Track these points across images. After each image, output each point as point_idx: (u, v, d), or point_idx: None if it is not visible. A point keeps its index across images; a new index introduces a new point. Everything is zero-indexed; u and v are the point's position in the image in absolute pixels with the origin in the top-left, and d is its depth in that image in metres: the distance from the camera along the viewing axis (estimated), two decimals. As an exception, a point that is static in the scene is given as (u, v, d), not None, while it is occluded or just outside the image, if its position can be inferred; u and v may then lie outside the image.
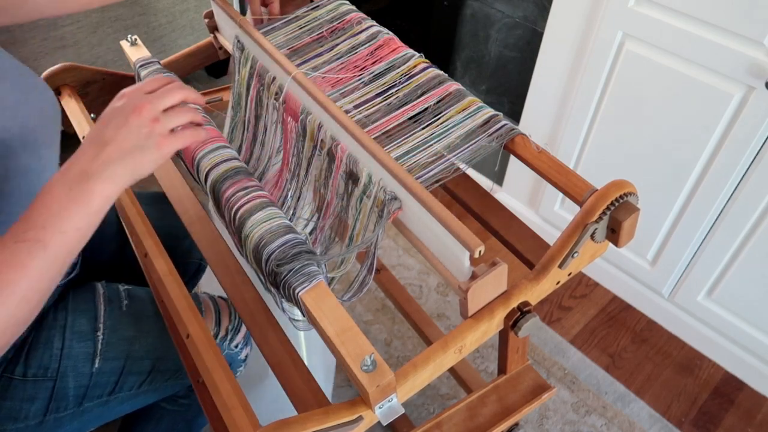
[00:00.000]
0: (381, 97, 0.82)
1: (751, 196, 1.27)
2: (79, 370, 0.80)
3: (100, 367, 0.82)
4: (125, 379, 0.84)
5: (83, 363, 0.81)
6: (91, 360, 0.81)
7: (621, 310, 1.68)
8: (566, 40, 1.45)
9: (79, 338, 0.81)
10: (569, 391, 1.48)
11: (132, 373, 0.85)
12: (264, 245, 0.66)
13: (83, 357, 0.81)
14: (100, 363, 0.82)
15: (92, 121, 1.07)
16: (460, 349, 0.66)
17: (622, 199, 0.66)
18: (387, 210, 0.69)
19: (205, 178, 0.76)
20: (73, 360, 0.80)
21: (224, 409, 0.65)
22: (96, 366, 0.81)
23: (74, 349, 0.80)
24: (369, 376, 0.57)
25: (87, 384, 0.81)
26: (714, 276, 1.43)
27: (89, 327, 0.82)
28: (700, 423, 1.44)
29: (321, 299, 0.61)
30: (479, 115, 0.79)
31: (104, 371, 0.82)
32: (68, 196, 0.52)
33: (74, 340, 0.81)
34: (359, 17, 0.94)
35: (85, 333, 0.82)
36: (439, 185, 0.75)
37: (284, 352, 0.75)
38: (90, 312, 0.84)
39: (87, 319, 0.83)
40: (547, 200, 1.70)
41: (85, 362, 0.81)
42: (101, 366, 0.82)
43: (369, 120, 0.78)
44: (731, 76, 1.20)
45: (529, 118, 1.65)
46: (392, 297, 1.35)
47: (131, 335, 0.85)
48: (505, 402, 0.83)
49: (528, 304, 0.69)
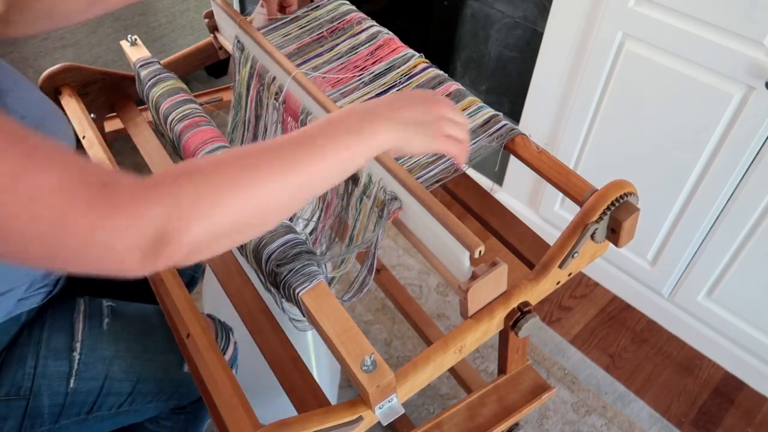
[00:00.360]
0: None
1: (751, 196, 1.27)
2: (54, 389, 0.77)
3: (76, 386, 0.79)
4: (104, 399, 0.81)
5: (58, 382, 0.77)
6: (66, 379, 0.78)
7: (621, 310, 1.68)
8: (566, 40, 1.45)
9: (54, 356, 0.78)
10: (569, 391, 1.48)
11: (111, 393, 0.81)
12: (264, 245, 0.66)
13: (58, 376, 0.78)
14: (75, 383, 0.78)
15: (92, 121, 1.07)
16: (460, 349, 0.66)
17: (623, 199, 0.66)
18: (387, 210, 0.69)
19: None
20: (48, 379, 0.77)
21: (225, 408, 0.65)
22: (71, 386, 0.78)
23: (49, 368, 0.77)
24: (369, 377, 0.57)
25: (62, 403, 0.78)
26: (714, 276, 1.43)
27: (65, 345, 0.79)
28: (700, 423, 1.44)
29: (321, 299, 0.61)
30: (479, 115, 0.79)
31: (81, 391, 0.79)
32: (358, 124, 0.56)
33: (49, 358, 0.78)
34: (359, 17, 0.94)
35: (60, 351, 0.78)
36: (439, 185, 0.75)
37: (284, 352, 0.75)
38: (66, 329, 0.80)
39: (63, 336, 0.80)
40: (547, 200, 1.70)
41: (60, 381, 0.77)
42: (77, 386, 0.79)
43: (369, 120, 0.78)
44: (731, 76, 1.20)
45: (529, 118, 1.65)
46: (392, 297, 1.35)
47: (111, 355, 0.82)
48: (505, 402, 0.83)
49: (528, 304, 0.69)
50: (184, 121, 0.82)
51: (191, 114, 0.83)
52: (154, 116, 0.89)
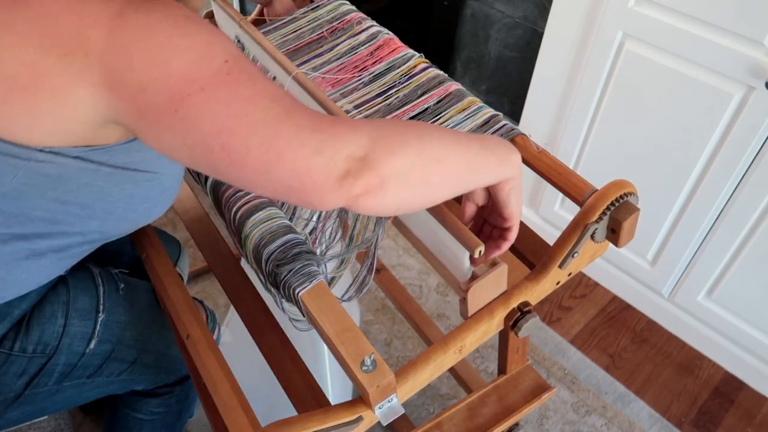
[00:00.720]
0: (381, 98, 0.82)
1: (751, 196, 1.27)
2: (73, 349, 0.78)
3: (94, 348, 0.80)
4: (109, 364, 0.83)
5: (79, 342, 0.79)
6: (88, 341, 0.79)
7: (621, 310, 1.68)
8: (566, 40, 1.45)
9: (81, 316, 0.79)
10: (569, 391, 1.48)
11: (117, 359, 0.83)
12: (264, 245, 0.66)
13: (80, 336, 0.79)
14: (95, 344, 0.80)
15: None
16: (460, 350, 0.66)
17: (622, 199, 0.66)
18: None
19: (205, 178, 0.77)
20: (71, 338, 0.78)
21: (224, 409, 0.65)
22: (90, 347, 0.80)
23: (74, 327, 0.78)
24: (369, 377, 0.57)
25: (75, 364, 0.79)
26: (714, 276, 1.43)
27: (91, 306, 0.80)
28: (700, 423, 1.44)
29: (321, 299, 0.61)
30: (479, 116, 0.79)
31: (96, 353, 0.80)
32: (501, 151, 0.60)
33: (76, 317, 0.79)
34: (359, 17, 0.94)
35: (86, 312, 0.80)
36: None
37: (284, 352, 0.75)
38: (90, 290, 0.81)
39: (88, 297, 0.81)
40: (547, 200, 1.70)
41: (81, 342, 0.79)
42: (95, 348, 0.80)
43: (369, 120, 0.78)
44: (731, 76, 1.20)
45: (529, 118, 1.65)
46: (392, 297, 1.35)
47: (125, 320, 0.84)
48: (505, 402, 0.83)
49: (528, 304, 0.69)
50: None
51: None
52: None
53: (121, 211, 0.65)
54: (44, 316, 0.77)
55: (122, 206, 0.65)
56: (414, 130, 0.55)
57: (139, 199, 0.65)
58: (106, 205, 0.64)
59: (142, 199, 0.66)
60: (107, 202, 0.63)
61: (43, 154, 0.56)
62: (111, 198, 0.63)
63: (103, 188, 0.62)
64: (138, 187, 0.64)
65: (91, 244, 0.71)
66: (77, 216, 0.63)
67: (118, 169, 0.61)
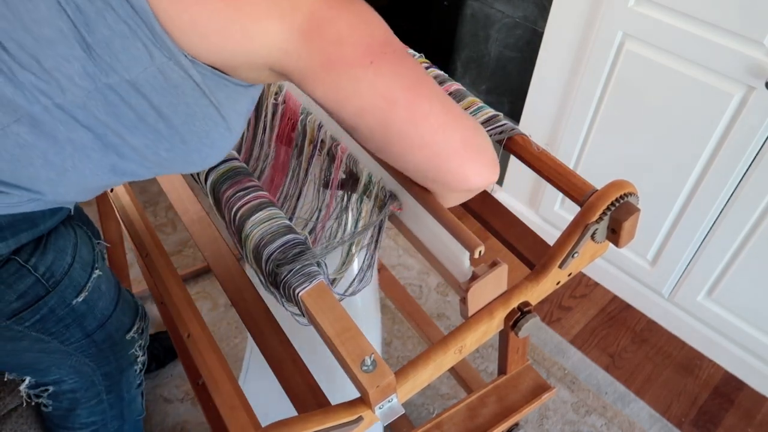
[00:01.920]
0: (381, 97, 0.82)
1: (751, 196, 1.27)
2: (65, 296, 0.77)
3: (79, 303, 0.79)
4: (72, 330, 0.82)
5: (72, 291, 0.78)
6: (78, 291, 0.78)
7: (621, 310, 1.68)
8: (566, 40, 1.45)
9: (81, 265, 0.78)
10: (569, 391, 1.48)
11: (81, 325, 0.82)
12: (264, 245, 0.66)
13: (75, 285, 0.78)
14: (82, 298, 0.79)
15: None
16: (460, 350, 0.66)
17: (623, 199, 0.66)
18: (387, 208, 0.69)
19: (205, 178, 0.77)
20: (69, 281, 0.77)
21: (225, 408, 0.65)
22: (78, 299, 0.79)
23: (76, 271, 0.78)
24: (369, 377, 0.57)
25: (54, 314, 0.78)
26: (714, 276, 1.43)
27: (89, 259, 0.80)
28: (700, 423, 1.44)
29: (321, 299, 0.61)
30: (479, 115, 0.79)
31: (75, 309, 0.79)
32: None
33: (79, 263, 0.78)
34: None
35: (85, 263, 0.79)
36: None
37: (284, 352, 0.75)
38: (89, 246, 0.81)
39: (88, 250, 0.80)
40: (547, 200, 1.70)
41: (73, 291, 0.78)
42: (79, 303, 0.79)
43: (369, 120, 0.78)
44: (731, 76, 1.20)
45: (529, 118, 1.65)
46: (392, 297, 1.35)
47: (104, 289, 0.83)
48: (505, 402, 0.83)
49: (528, 304, 0.69)
50: (184, 121, 0.82)
51: (191, 114, 0.83)
52: (154, 116, 0.89)
53: (192, 145, 0.65)
54: (58, 246, 0.75)
55: (195, 141, 0.64)
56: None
57: (207, 142, 0.66)
58: (185, 133, 0.63)
59: (209, 143, 0.66)
60: (188, 131, 0.63)
61: (186, 60, 0.56)
62: (193, 128, 0.63)
63: (196, 115, 0.61)
64: (215, 129, 0.64)
65: (146, 169, 0.68)
66: (159, 133, 0.62)
67: (213, 105, 0.61)
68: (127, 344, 0.92)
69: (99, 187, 0.69)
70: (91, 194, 0.71)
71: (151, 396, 1.39)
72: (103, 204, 1.29)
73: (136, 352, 0.95)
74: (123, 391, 0.99)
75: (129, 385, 0.99)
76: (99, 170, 0.63)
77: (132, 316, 0.92)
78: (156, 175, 0.70)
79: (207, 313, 1.57)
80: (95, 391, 0.95)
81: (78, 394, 0.94)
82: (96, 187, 0.69)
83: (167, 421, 1.35)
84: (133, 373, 0.98)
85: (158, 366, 1.43)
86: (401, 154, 0.62)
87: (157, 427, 1.34)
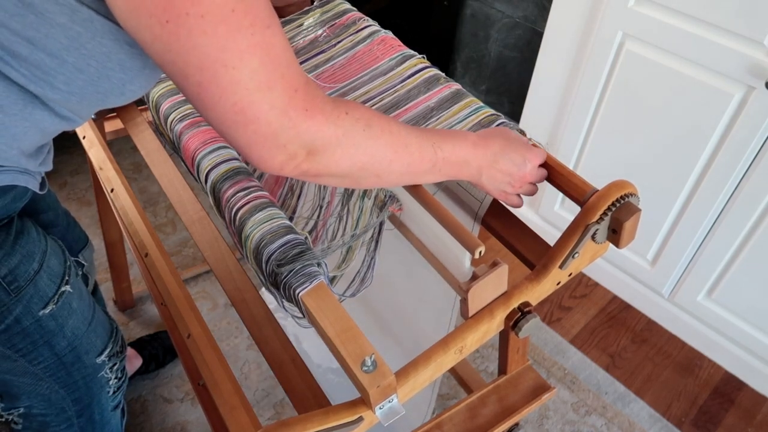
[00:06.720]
0: (380, 97, 0.82)
1: (751, 196, 1.27)
2: (31, 307, 0.73)
3: (46, 317, 0.75)
4: (41, 348, 0.78)
5: (38, 302, 0.74)
6: (45, 303, 0.75)
7: (621, 310, 1.68)
8: (566, 40, 1.45)
9: (49, 275, 0.75)
10: (569, 391, 1.48)
11: (49, 344, 0.78)
12: (264, 245, 0.66)
13: (41, 296, 0.74)
14: (49, 312, 0.75)
15: (92, 120, 1.07)
16: (460, 350, 0.66)
17: (623, 199, 0.66)
18: (387, 208, 0.69)
19: (205, 179, 0.77)
20: (35, 290, 0.73)
21: (226, 409, 0.65)
22: (45, 311, 0.75)
23: (42, 280, 0.73)
24: (369, 377, 0.57)
25: (18, 326, 0.74)
26: (714, 276, 1.43)
27: (59, 271, 0.76)
28: (700, 423, 1.44)
29: (321, 300, 0.61)
30: (479, 115, 0.79)
31: (42, 325, 0.76)
32: (468, 158, 0.67)
33: (46, 272, 0.74)
34: (359, 17, 0.94)
35: (54, 274, 0.76)
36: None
37: (284, 352, 0.75)
38: (60, 257, 0.78)
39: (58, 262, 0.77)
40: (547, 200, 1.70)
41: (39, 302, 0.74)
42: (47, 318, 0.75)
43: (369, 120, 0.78)
44: (731, 76, 1.20)
45: (529, 118, 1.65)
46: (392, 297, 1.35)
47: (75, 307, 0.80)
48: (506, 402, 0.83)
49: (528, 304, 0.69)
50: (185, 121, 0.82)
51: (191, 114, 0.83)
52: (155, 116, 0.89)
53: (93, 72, 0.57)
54: (26, 250, 0.72)
55: (95, 66, 0.57)
56: (385, 136, 0.60)
57: (116, 63, 0.57)
58: (77, 58, 0.55)
59: (119, 65, 0.58)
60: (80, 55, 0.55)
61: None
62: (84, 50, 0.55)
63: (81, 35, 0.54)
64: (119, 47, 0.56)
65: (53, 118, 0.62)
66: (42, 63, 0.55)
67: (100, 16, 0.53)
68: (97, 367, 0.88)
69: (52, 132, 0.66)
70: (48, 137, 0.67)
71: (151, 396, 1.39)
72: (103, 204, 1.29)
73: (107, 375, 0.91)
74: (95, 414, 0.95)
75: (101, 408, 0.95)
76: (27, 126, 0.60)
77: (105, 338, 0.88)
78: (99, 105, 0.64)
79: (207, 313, 1.57)
80: (65, 416, 0.91)
81: (48, 418, 0.90)
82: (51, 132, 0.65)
83: (167, 421, 1.35)
84: (105, 396, 0.93)
85: (158, 366, 1.43)
86: (203, 116, 0.57)
87: (157, 427, 1.34)
